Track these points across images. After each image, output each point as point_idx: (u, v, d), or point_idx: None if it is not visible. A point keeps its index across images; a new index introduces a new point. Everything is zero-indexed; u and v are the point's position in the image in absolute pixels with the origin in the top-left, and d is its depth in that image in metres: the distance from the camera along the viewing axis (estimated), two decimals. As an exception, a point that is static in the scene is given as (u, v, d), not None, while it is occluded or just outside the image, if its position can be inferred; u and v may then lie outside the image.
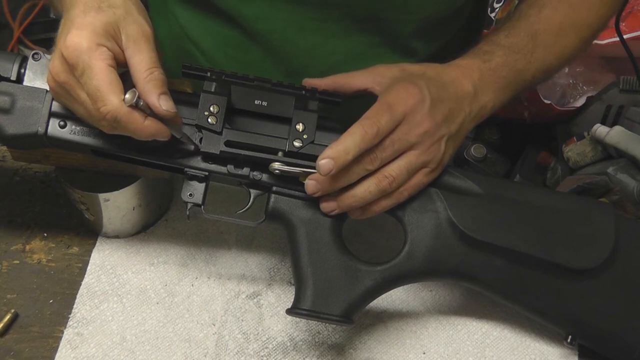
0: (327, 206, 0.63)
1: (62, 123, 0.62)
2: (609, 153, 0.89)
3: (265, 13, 0.76)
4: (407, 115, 0.61)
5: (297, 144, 0.62)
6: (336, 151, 0.58)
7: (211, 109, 0.61)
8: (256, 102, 0.63)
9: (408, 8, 0.76)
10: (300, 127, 0.62)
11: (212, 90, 0.62)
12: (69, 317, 0.71)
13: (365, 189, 0.61)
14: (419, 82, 0.62)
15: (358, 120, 0.60)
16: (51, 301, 0.72)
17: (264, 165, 0.63)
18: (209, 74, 0.62)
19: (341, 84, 0.66)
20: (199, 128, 0.62)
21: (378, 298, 0.66)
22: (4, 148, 0.83)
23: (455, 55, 0.87)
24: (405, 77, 0.64)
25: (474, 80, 0.65)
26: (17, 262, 0.75)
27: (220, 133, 0.62)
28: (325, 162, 0.58)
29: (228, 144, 0.62)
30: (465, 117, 0.65)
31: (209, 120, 0.61)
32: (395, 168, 0.61)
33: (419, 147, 0.62)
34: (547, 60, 0.70)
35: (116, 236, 0.77)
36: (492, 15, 1.20)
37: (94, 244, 0.77)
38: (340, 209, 0.63)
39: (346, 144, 0.58)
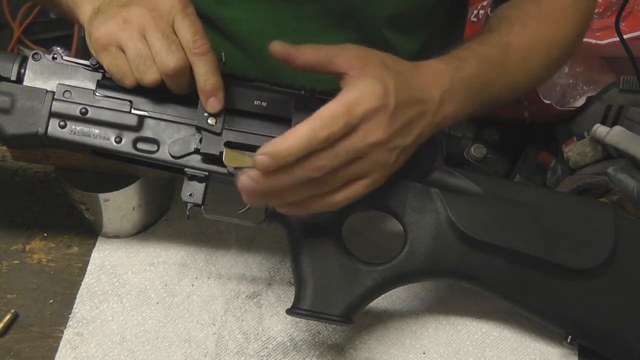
0: (245, 183, 0.55)
1: (62, 123, 0.62)
2: (609, 153, 0.89)
3: (243, 14, 0.76)
4: (364, 119, 0.55)
5: None
6: (278, 150, 0.53)
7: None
8: (255, 102, 0.63)
9: (377, 4, 0.75)
10: None
11: None
12: (69, 317, 0.71)
13: (302, 193, 0.57)
14: (388, 84, 0.57)
15: (312, 116, 0.54)
16: (51, 301, 0.72)
17: None
18: None
19: (323, 63, 0.60)
20: (199, 129, 0.62)
21: (378, 298, 0.66)
22: (4, 148, 0.83)
23: (438, 50, 0.86)
24: (378, 73, 0.57)
25: (443, 88, 0.61)
26: (17, 262, 0.75)
27: (219, 134, 0.62)
28: (264, 159, 0.52)
29: (228, 145, 0.62)
30: (424, 127, 0.61)
31: (209, 121, 0.61)
32: (338, 177, 0.57)
33: (368, 156, 0.56)
34: (516, 76, 0.69)
35: (116, 236, 0.77)
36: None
37: (94, 244, 0.77)
38: (263, 198, 0.57)
39: (290, 144, 0.53)
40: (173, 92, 0.60)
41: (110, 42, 0.58)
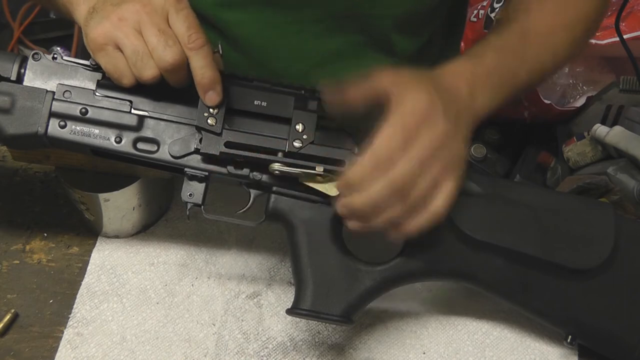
0: (354, 225, 0.60)
1: (62, 123, 0.62)
2: (609, 153, 0.89)
3: (244, 17, 0.76)
4: (421, 125, 0.57)
5: (297, 144, 0.62)
6: (347, 174, 0.58)
7: (210, 110, 0.61)
8: (255, 102, 0.63)
9: (385, 3, 0.75)
10: (300, 127, 0.62)
11: None
12: (69, 317, 0.71)
13: (394, 210, 0.58)
14: (427, 88, 0.59)
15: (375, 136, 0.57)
16: (51, 301, 0.72)
17: (263, 166, 0.63)
18: None
19: (368, 97, 0.60)
20: (199, 129, 0.62)
21: (378, 298, 0.66)
22: (4, 148, 0.83)
23: (438, 50, 0.86)
24: (415, 84, 0.60)
25: (469, 84, 0.64)
26: (17, 262, 0.75)
27: (220, 134, 0.62)
28: (338, 185, 0.59)
29: (228, 145, 0.62)
30: (468, 119, 0.63)
31: (209, 121, 0.61)
32: (420, 184, 0.57)
33: (435, 156, 0.58)
34: (541, 59, 0.69)
35: (116, 236, 0.77)
36: (492, 15, 1.20)
37: (94, 244, 0.77)
38: (368, 226, 0.59)
39: (356, 166, 0.57)
40: (172, 86, 0.60)
41: (107, 41, 0.58)
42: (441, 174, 0.59)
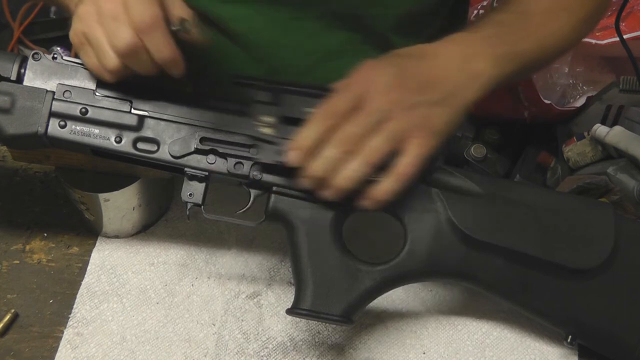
0: (324, 194, 0.61)
1: (62, 123, 0.62)
2: (609, 153, 0.89)
3: (245, 14, 0.76)
4: (368, 88, 0.59)
5: None
6: (297, 141, 0.59)
7: (263, 119, 0.62)
8: (305, 109, 0.62)
9: (386, 3, 0.75)
10: None
11: (264, 99, 0.62)
12: (69, 317, 0.71)
13: (350, 167, 0.59)
14: (383, 59, 0.61)
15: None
16: (51, 301, 0.72)
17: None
18: (262, 83, 0.62)
19: None
20: (254, 139, 0.62)
21: (378, 298, 0.66)
22: (4, 148, 0.83)
23: None
24: (372, 62, 0.62)
25: (462, 48, 0.63)
26: (17, 262, 0.75)
27: (275, 144, 0.62)
28: (292, 154, 0.59)
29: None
30: (456, 83, 0.62)
31: (263, 130, 0.62)
32: (374, 140, 0.58)
33: (394, 115, 0.59)
34: (542, 39, 0.69)
35: (116, 236, 0.77)
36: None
37: (94, 244, 0.77)
38: (334, 190, 0.60)
39: (305, 131, 0.59)
40: (138, 73, 0.59)
41: (81, 39, 0.58)
42: (404, 134, 0.59)
